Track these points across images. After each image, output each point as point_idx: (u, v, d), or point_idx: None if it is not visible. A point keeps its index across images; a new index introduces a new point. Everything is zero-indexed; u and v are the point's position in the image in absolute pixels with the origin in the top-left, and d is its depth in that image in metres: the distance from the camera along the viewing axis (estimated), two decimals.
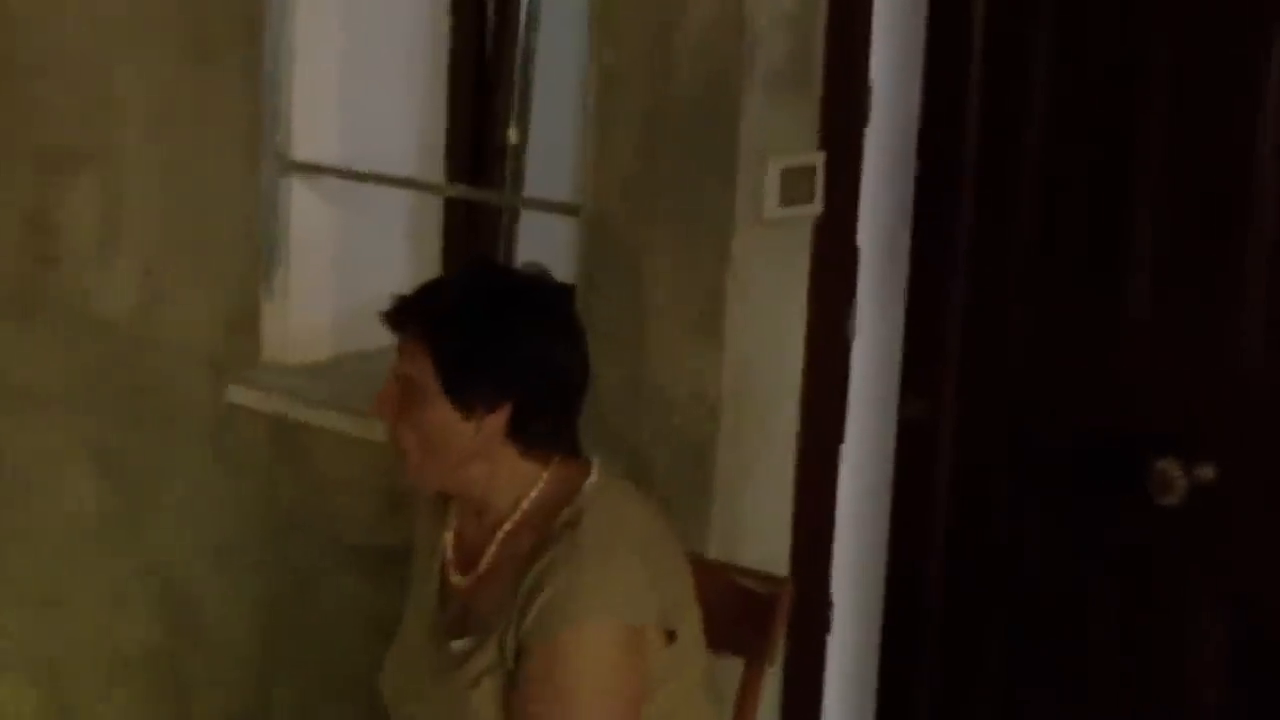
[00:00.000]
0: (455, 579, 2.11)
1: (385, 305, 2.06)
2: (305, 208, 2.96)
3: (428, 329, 2.00)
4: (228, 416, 2.96)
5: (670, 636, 2.01)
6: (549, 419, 2.04)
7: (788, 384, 2.48)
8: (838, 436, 2.53)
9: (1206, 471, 2.25)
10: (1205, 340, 2.27)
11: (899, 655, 2.60)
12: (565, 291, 2.12)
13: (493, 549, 2.07)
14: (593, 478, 2.06)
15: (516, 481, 2.06)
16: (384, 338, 2.09)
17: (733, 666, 2.25)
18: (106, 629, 3.26)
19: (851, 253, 2.48)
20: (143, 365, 3.10)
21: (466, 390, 1.99)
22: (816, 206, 2.43)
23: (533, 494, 2.05)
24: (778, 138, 2.38)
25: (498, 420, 2.00)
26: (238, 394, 2.92)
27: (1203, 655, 2.31)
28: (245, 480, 2.98)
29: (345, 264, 3.01)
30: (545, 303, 2.07)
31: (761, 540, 2.48)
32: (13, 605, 3.43)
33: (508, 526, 2.06)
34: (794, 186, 2.40)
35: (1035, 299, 2.41)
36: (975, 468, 2.50)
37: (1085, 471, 2.39)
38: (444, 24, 3.09)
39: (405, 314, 2.04)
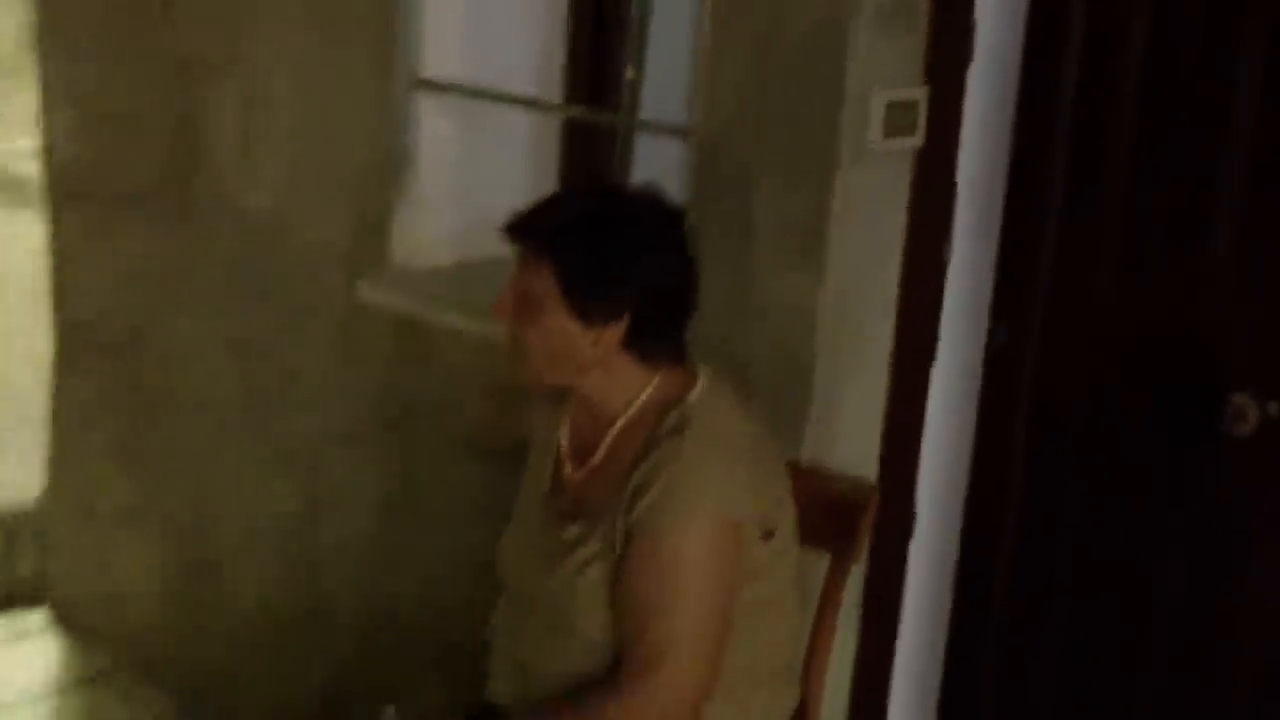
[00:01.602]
0: (569, 471, 2.14)
1: (506, 218, 2.04)
2: (431, 122, 2.96)
3: (551, 243, 1.99)
4: (356, 313, 2.98)
5: (768, 535, 2.03)
6: (662, 331, 2.05)
7: (884, 305, 2.47)
8: (929, 357, 2.52)
9: (1276, 406, 2.22)
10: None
11: (976, 561, 2.61)
12: (679, 212, 2.10)
13: (605, 445, 2.08)
14: (699, 385, 2.06)
15: (629, 386, 2.06)
16: (504, 248, 2.08)
17: (820, 563, 2.27)
18: (245, 501, 3.33)
19: (950, 185, 2.45)
20: (280, 263, 3.13)
21: (588, 303, 1.99)
22: (918, 139, 2.40)
23: (642, 398, 2.06)
24: (883, 72, 2.35)
25: (615, 331, 2.00)
26: (366, 292, 2.94)
27: (1274, 581, 2.30)
28: (370, 373, 3.01)
29: (467, 177, 3.02)
30: (662, 221, 2.05)
31: (853, 449, 2.49)
32: (162, 477, 3.49)
33: (620, 424, 2.07)
34: (897, 119, 2.37)
35: (1124, 238, 2.37)
36: (1056, 394, 2.48)
37: (1164, 403, 2.37)
38: None
39: (528, 228, 2.03)
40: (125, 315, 3.47)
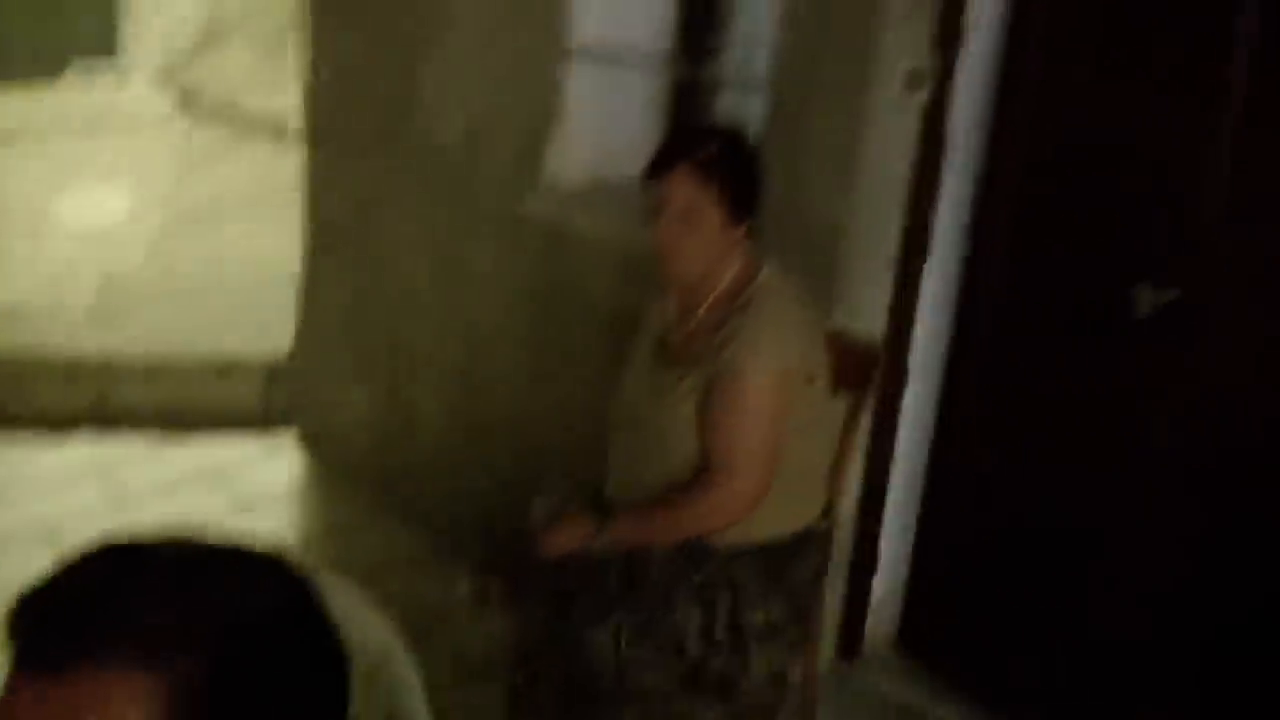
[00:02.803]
0: (675, 331, 2.22)
1: (657, 153, 2.09)
2: (575, 77, 3.02)
3: (713, 164, 2.05)
4: (518, 222, 3.07)
5: (809, 380, 2.16)
6: (756, 223, 2.17)
7: (894, 218, 2.50)
8: (923, 259, 2.57)
9: (1169, 294, 2.27)
10: (1169, 187, 2.24)
11: (953, 416, 2.65)
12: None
13: (700, 314, 2.17)
14: (764, 272, 2.17)
15: (729, 267, 2.13)
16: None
17: (842, 403, 2.32)
18: (433, 355, 3.35)
19: (941, 132, 2.48)
20: (463, 186, 3.24)
21: (740, 207, 2.09)
22: (925, 95, 2.44)
23: (728, 277, 2.14)
24: (904, 47, 2.37)
25: (745, 226, 2.13)
26: (526, 205, 3.03)
27: (1161, 424, 2.36)
28: (526, 264, 3.10)
29: (601, 121, 3.04)
30: (754, 146, 2.17)
31: (867, 323, 2.52)
32: (374, 334, 3.54)
33: (713, 296, 2.15)
34: (911, 80, 2.38)
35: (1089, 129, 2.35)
36: (1017, 294, 2.48)
37: (1084, 296, 2.40)
38: None
39: (689, 155, 2.06)
40: (353, 220, 3.63)
